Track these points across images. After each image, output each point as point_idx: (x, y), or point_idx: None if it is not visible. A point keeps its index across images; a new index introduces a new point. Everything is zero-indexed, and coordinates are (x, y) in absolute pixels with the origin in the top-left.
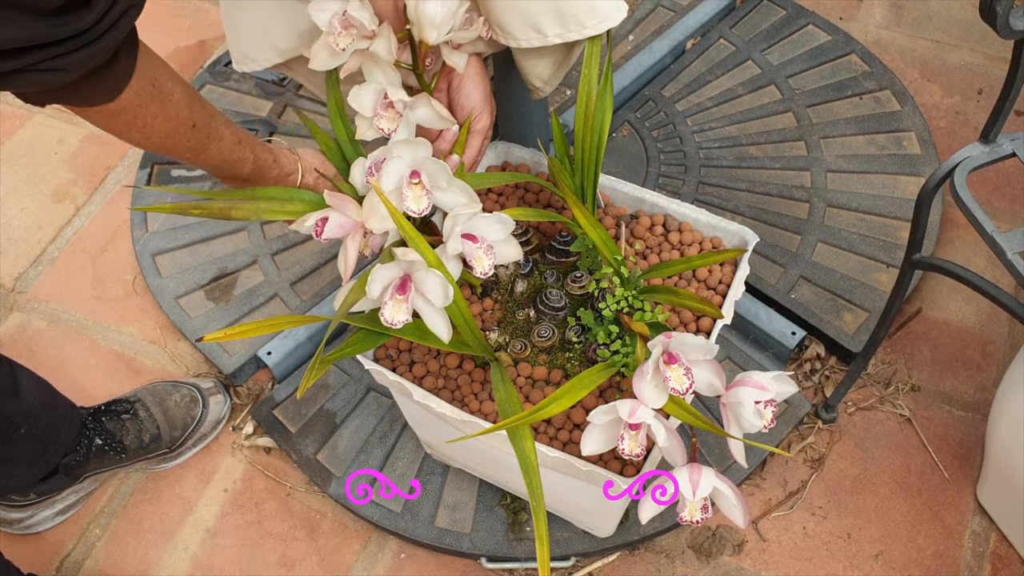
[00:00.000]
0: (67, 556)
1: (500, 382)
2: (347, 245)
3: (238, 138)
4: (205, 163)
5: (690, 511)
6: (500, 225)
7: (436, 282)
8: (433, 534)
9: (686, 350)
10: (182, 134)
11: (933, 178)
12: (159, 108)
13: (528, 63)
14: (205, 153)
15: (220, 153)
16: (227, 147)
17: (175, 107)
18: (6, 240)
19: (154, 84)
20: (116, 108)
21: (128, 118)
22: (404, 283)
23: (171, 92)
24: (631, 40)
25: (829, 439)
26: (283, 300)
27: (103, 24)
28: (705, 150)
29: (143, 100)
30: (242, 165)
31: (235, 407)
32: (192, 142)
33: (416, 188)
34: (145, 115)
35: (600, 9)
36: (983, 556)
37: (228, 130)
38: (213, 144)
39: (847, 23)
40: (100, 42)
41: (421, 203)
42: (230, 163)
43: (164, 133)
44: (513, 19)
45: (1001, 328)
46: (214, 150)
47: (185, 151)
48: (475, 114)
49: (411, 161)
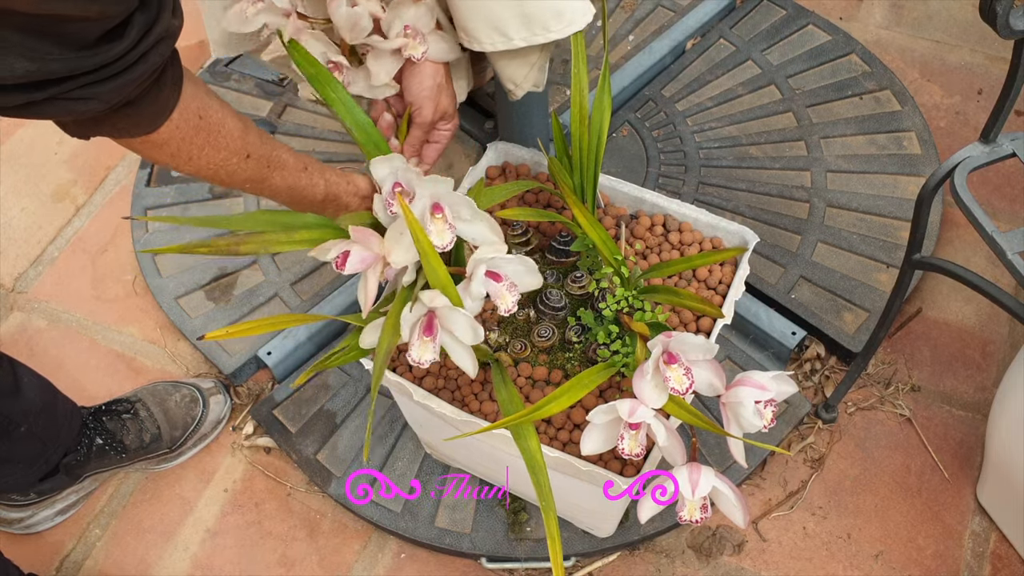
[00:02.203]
0: (67, 556)
1: (501, 382)
2: (367, 277)
3: (303, 164)
4: (272, 193)
5: (689, 510)
6: (523, 266)
7: (464, 321)
8: (433, 534)
9: (686, 350)
10: (235, 164)
11: (933, 178)
12: (206, 139)
13: (499, 65)
14: (268, 182)
15: (284, 181)
16: (291, 175)
17: (225, 138)
18: (6, 240)
19: (201, 116)
20: (158, 140)
21: (172, 150)
22: (430, 323)
23: (221, 123)
24: (631, 40)
25: (829, 439)
26: (283, 300)
27: (133, 55)
28: (705, 150)
29: (188, 132)
30: (313, 190)
31: (235, 407)
32: (249, 172)
33: (439, 222)
34: (191, 147)
35: (566, 12)
36: (983, 556)
37: (291, 157)
38: (275, 173)
39: (847, 23)
40: (130, 72)
41: (445, 237)
42: (299, 190)
43: (215, 164)
44: (478, 23)
45: (1001, 328)
46: (277, 179)
47: (244, 181)
48: (416, 105)
49: (432, 195)
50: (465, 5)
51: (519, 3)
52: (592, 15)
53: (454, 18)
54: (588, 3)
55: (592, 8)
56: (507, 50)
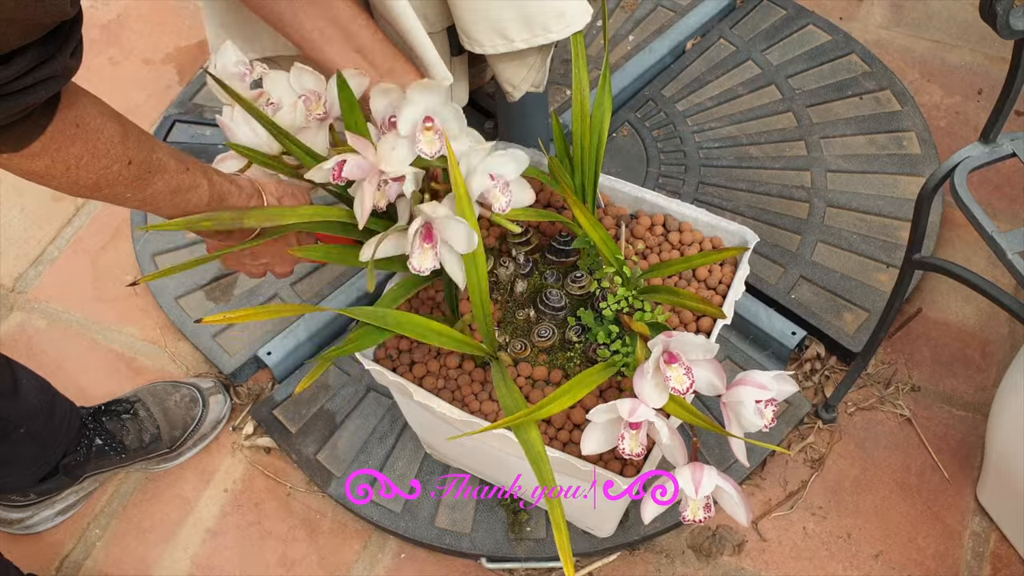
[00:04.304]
0: (67, 556)
1: (501, 382)
2: (364, 188)
3: (185, 166)
4: (153, 200)
5: (692, 510)
6: (515, 164)
7: (461, 229)
8: (433, 534)
9: (687, 349)
10: (116, 172)
11: (933, 178)
12: (83, 147)
13: (498, 67)
14: (151, 188)
15: (167, 184)
16: (173, 177)
17: (105, 144)
18: (6, 240)
19: (78, 124)
20: (30, 152)
21: (47, 162)
22: (429, 231)
23: (100, 129)
24: (631, 40)
25: (829, 439)
26: (283, 300)
27: (17, 84)
28: (705, 150)
29: (63, 143)
30: (198, 192)
31: (235, 407)
32: (131, 178)
33: (429, 133)
34: (68, 157)
35: (566, 14)
36: (983, 556)
37: (172, 159)
38: (157, 177)
39: (847, 23)
40: (7, 101)
41: (434, 146)
42: (182, 193)
43: (95, 174)
44: (479, 25)
45: (1001, 328)
46: (160, 183)
47: (125, 191)
48: None
49: (425, 108)
50: (466, 8)
51: (520, 5)
52: (590, 16)
53: (455, 20)
54: (587, 4)
55: (591, 9)
56: (506, 52)
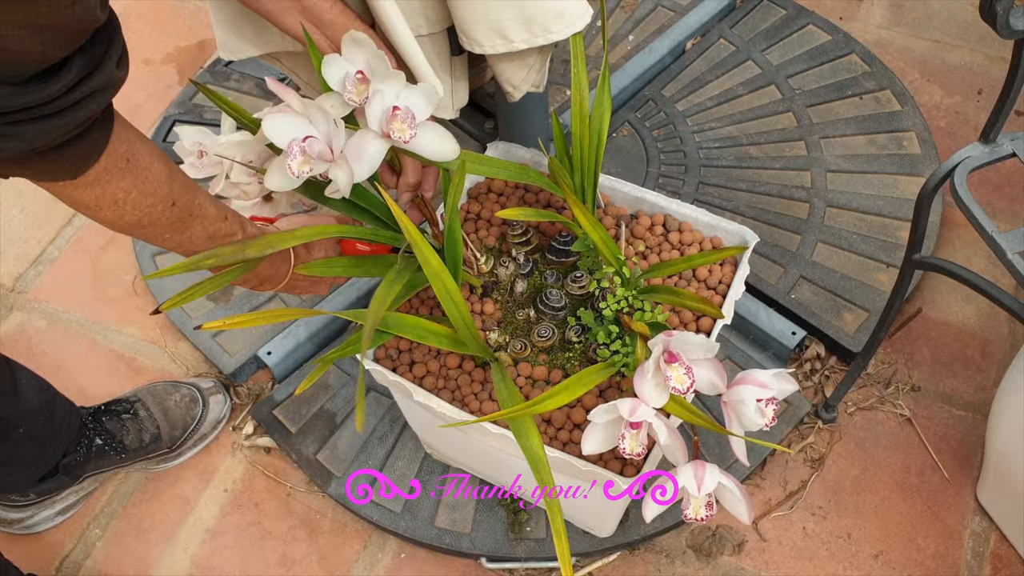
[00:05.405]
0: (67, 556)
1: (501, 382)
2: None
3: (223, 214)
4: (190, 243)
5: (694, 508)
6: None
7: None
8: (433, 534)
9: (687, 349)
10: (160, 212)
11: (933, 178)
12: (133, 183)
13: (498, 68)
14: (189, 232)
15: (205, 230)
16: (212, 224)
17: (152, 183)
18: (6, 240)
19: (129, 159)
20: (84, 181)
21: (97, 193)
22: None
23: (148, 167)
24: (631, 40)
25: (829, 439)
26: (283, 301)
27: (68, 99)
28: (705, 150)
29: (115, 175)
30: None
31: (235, 407)
32: (172, 220)
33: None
34: (116, 191)
35: (566, 14)
36: (983, 556)
37: (212, 207)
38: (196, 222)
39: (847, 23)
40: (62, 117)
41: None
42: (218, 239)
43: (140, 210)
44: (479, 25)
45: (1001, 328)
46: (198, 228)
47: (165, 231)
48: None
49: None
50: (466, 8)
51: (520, 5)
52: (590, 16)
53: (454, 20)
54: (587, 4)
55: (591, 9)
56: (506, 52)
